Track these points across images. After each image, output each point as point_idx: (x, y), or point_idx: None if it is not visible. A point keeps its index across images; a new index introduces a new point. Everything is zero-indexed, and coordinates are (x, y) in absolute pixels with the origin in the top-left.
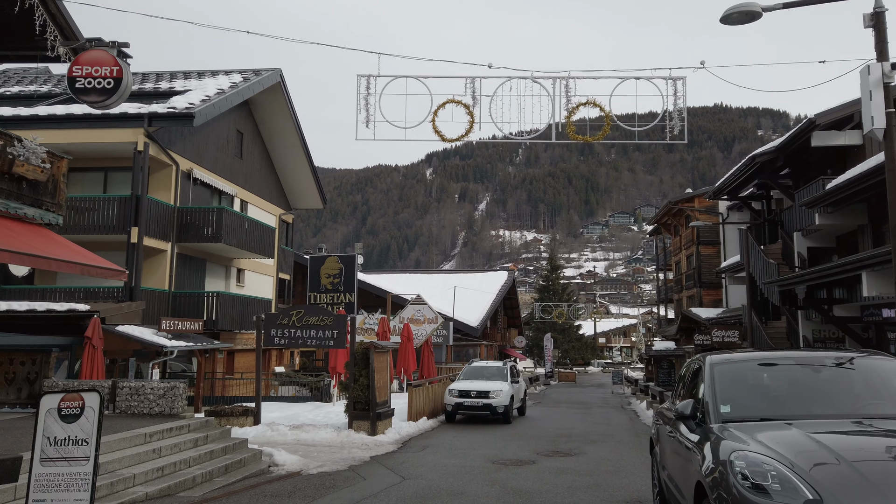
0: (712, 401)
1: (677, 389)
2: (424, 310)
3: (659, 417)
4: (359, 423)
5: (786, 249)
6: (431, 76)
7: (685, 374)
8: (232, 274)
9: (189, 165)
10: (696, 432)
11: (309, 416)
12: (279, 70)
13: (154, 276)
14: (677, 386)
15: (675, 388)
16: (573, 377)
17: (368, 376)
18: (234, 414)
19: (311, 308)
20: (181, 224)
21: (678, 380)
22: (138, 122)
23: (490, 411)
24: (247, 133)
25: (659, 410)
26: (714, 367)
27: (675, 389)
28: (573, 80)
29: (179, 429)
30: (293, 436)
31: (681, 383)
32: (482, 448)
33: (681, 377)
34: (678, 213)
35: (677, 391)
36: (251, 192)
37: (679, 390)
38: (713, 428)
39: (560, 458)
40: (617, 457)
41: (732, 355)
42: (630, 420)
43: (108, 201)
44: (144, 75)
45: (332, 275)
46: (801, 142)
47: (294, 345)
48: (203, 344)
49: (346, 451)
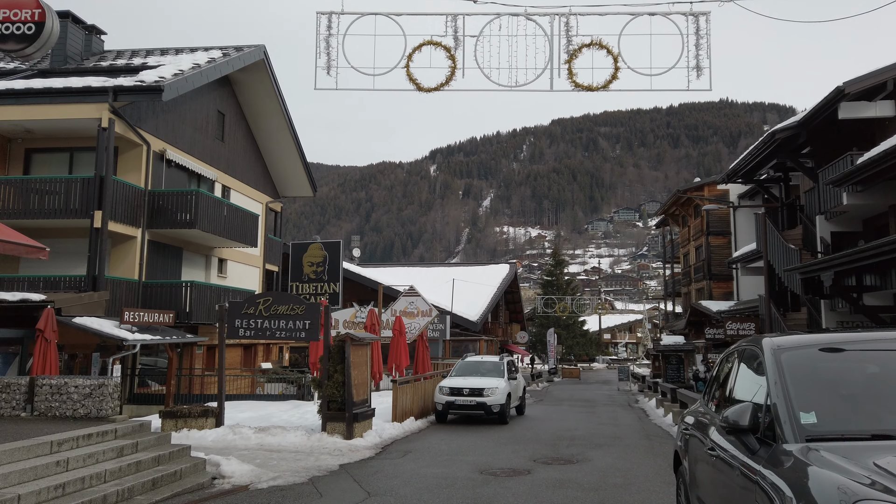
0: (785, 407)
1: (711, 388)
2: (418, 301)
3: (689, 425)
4: (333, 425)
5: (806, 235)
6: (405, 13)
7: (726, 367)
8: (212, 264)
9: (162, 146)
10: (760, 454)
11: (283, 417)
12: (262, 46)
13: (122, 265)
14: (711, 385)
15: (708, 385)
16: (577, 374)
17: (344, 372)
18: (191, 415)
19: (281, 296)
20: (153, 209)
21: (713, 377)
22: (102, 97)
23: (484, 411)
24: (229, 114)
25: (692, 416)
26: (781, 354)
27: (709, 388)
28: (575, 18)
29: (102, 435)
30: (257, 440)
31: (715, 381)
32: (472, 454)
33: (716, 373)
34: (687, 202)
35: (711, 390)
36: (234, 178)
37: (713, 390)
38: (792, 450)
39: (560, 467)
40: (626, 465)
41: (804, 337)
42: (639, 420)
43: (69, 183)
44: (119, 52)
45: (315, 263)
46: (827, 115)
47: (261, 337)
48: (174, 337)
49: (314, 458)
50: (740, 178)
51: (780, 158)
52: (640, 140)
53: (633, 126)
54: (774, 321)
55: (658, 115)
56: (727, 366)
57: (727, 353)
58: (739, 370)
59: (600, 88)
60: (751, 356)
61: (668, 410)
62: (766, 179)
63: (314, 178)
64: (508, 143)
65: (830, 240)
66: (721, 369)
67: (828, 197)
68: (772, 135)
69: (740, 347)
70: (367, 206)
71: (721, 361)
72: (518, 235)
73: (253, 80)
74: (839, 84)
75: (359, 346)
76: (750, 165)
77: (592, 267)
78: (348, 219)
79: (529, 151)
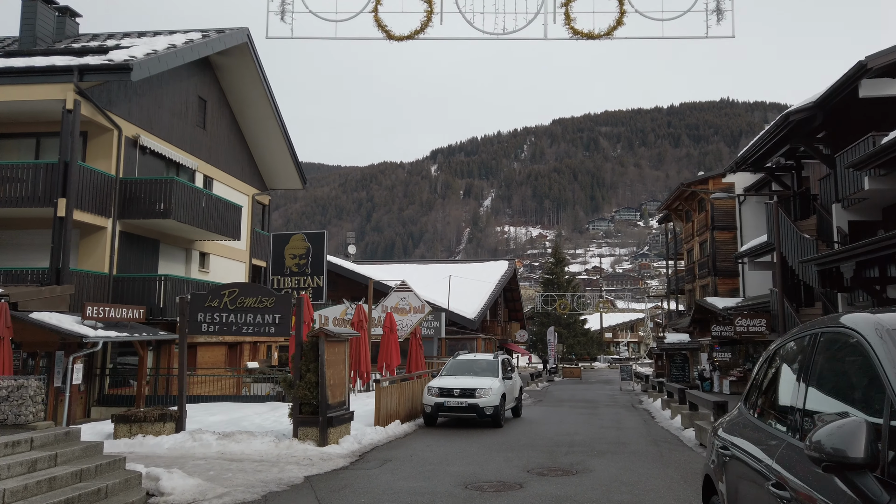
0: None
1: (754, 392)
2: (410, 297)
3: (729, 443)
4: (305, 430)
5: (821, 225)
6: None
7: (778, 364)
8: (193, 258)
9: (135, 131)
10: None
11: (256, 421)
12: (245, 29)
13: (92, 258)
14: (753, 393)
15: (749, 389)
16: (578, 373)
17: (318, 371)
18: (147, 420)
19: (249, 287)
20: (125, 198)
21: (753, 381)
22: (67, 76)
23: (476, 413)
24: (211, 101)
25: (732, 431)
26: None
27: (750, 392)
28: None
29: (12, 446)
30: (219, 447)
31: (756, 386)
32: (458, 462)
33: (762, 371)
34: (690, 196)
35: (754, 394)
36: (217, 168)
37: (754, 396)
38: None
39: (557, 480)
40: (633, 476)
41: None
42: (644, 423)
43: (31, 169)
44: (95, 35)
45: (297, 255)
46: (846, 93)
47: (227, 332)
48: (144, 335)
49: (278, 468)
50: (750, 166)
51: (793, 143)
52: (640, 139)
53: (634, 125)
54: (788, 317)
55: (659, 114)
56: (783, 361)
57: (782, 342)
58: (812, 366)
59: (602, 36)
60: (832, 345)
61: (675, 412)
62: (776, 167)
63: (303, 170)
64: (509, 142)
65: (848, 229)
66: (770, 366)
67: (846, 183)
68: (785, 117)
69: (809, 331)
70: (369, 205)
71: (770, 357)
72: (519, 235)
73: (237, 65)
74: (861, 59)
75: (335, 343)
76: (761, 152)
77: (594, 266)
78: (349, 219)
79: (530, 151)
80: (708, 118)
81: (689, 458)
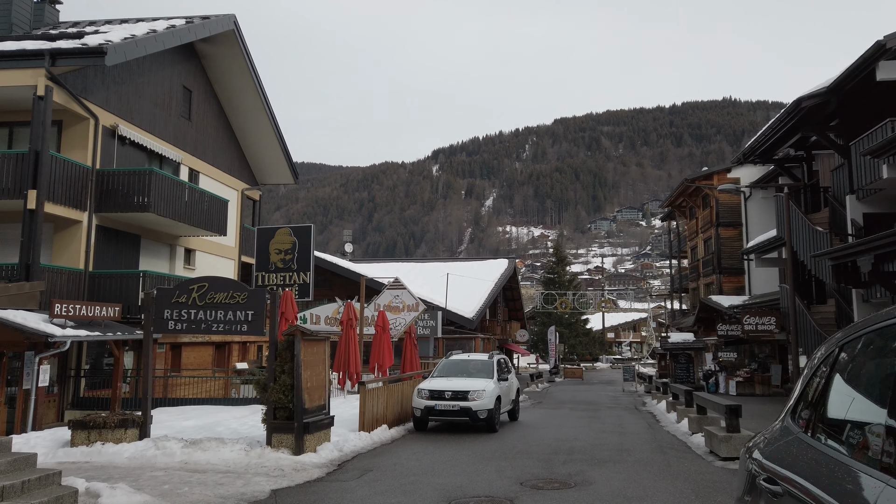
0: None
1: (808, 405)
2: (404, 295)
3: (783, 477)
4: (280, 437)
5: (834, 217)
6: None
7: (844, 366)
8: (178, 254)
9: (114, 121)
10: None
11: (232, 426)
12: (232, 16)
13: (66, 253)
14: (806, 406)
15: (798, 400)
16: (580, 373)
17: (293, 373)
18: (107, 426)
19: (220, 281)
20: (102, 190)
21: (804, 390)
22: (38, 61)
23: (469, 417)
24: (197, 91)
25: (783, 460)
26: None
27: (800, 403)
28: None
29: None
30: (183, 456)
31: (811, 396)
32: (445, 473)
33: (815, 377)
34: (695, 192)
35: (809, 409)
36: (204, 161)
37: (810, 411)
38: None
39: (553, 494)
40: (638, 490)
41: None
42: (649, 427)
43: (1, 160)
44: (75, 23)
45: (283, 250)
46: (862, 76)
47: (196, 330)
48: (119, 334)
49: (243, 481)
50: (758, 157)
51: (804, 132)
52: (642, 139)
53: (636, 125)
54: (799, 314)
55: (661, 113)
56: (850, 364)
57: (855, 333)
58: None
59: None
60: None
61: (682, 416)
62: (785, 159)
63: (295, 165)
64: (511, 142)
65: (863, 222)
66: (834, 369)
67: (861, 173)
68: (797, 103)
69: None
70: (370, 206)
71: (825, 357)
72: (521, 235)
73: (223, 54)
74: (879, 38)
75: (313, 342)
76: (770, 142)
77: (595, 266)
78: (351, 219)
79: (532, 151)
80: (710, 117)
81: (699, 469)
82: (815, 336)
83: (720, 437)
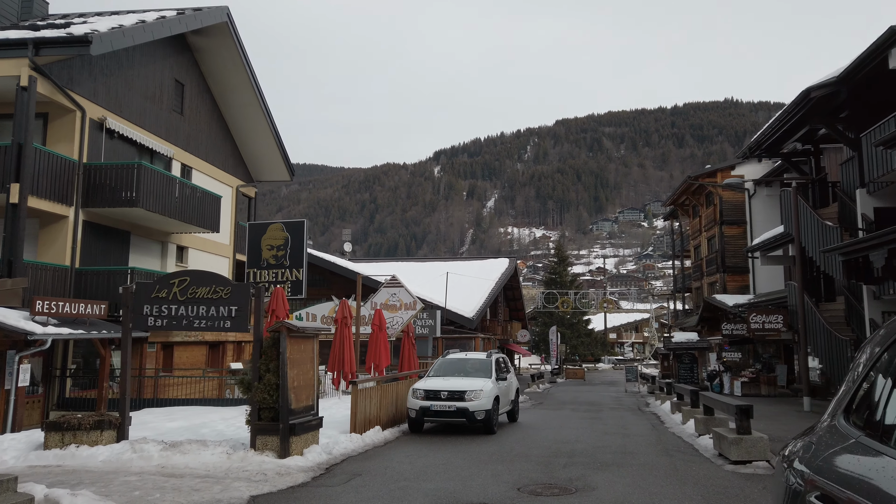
0: None
1: (853, 399)
2: (401, 293)
3: (838, 495)
4: (264, 439)
5: (844, 212)
6: None
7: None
8: (170, 252)
9: (102, 113)
10: None
11: (218, 427)
12: (225, 8)
13: (52, 249)
14: (867, 405)
15: (853, 396)
16: (582, 374)
17: (278, 372)
18: (82, 427)
19: (202, 275)
20: (89, 185)
21: (860, 384)
22: (21, 51)
23: (466, 418)
24: (190, 85)
25: (838, 473)
26: None
27: (862, 400)
28: None
29: None
30: (161, 459)
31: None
32: (437, 478)
33: (870, 374)
34: (698, 190)
35: (850, 404)
36: (197, 157)
37: (853, 404)
38: None
39: (552, 501)
40: (644, 496)
41: None
42: (653, 428)
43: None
44: (65, 15)
45: (275, 246)
46: (874, 64)
47: (177, 326)
48: (105, 332)
49: (221, 486)
50: (764, 151)
51: (813, 124)
52: (644, 140)
53: (638, 126)
54: (808, 312)
55: (662, 114)
56: None
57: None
58: None
59: None
60: None
61: (687, 416)
62: (792, 153)
63: (291, 161)
64: (512, 143)
65: (874, 216)
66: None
67: (872, 165)
68: (806, 94)
69: None
70: (372, 207)
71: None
72: (522, 236)
73: (217, 47)
74: (893, 24)
75: (300, 339)
76: (777, 135)
77: (598, 267)
78: (352, 220)
79: (533, 152)
80: (712, 118)
81: (708, 473)
82: (824, 334)
83: (730, 439)
